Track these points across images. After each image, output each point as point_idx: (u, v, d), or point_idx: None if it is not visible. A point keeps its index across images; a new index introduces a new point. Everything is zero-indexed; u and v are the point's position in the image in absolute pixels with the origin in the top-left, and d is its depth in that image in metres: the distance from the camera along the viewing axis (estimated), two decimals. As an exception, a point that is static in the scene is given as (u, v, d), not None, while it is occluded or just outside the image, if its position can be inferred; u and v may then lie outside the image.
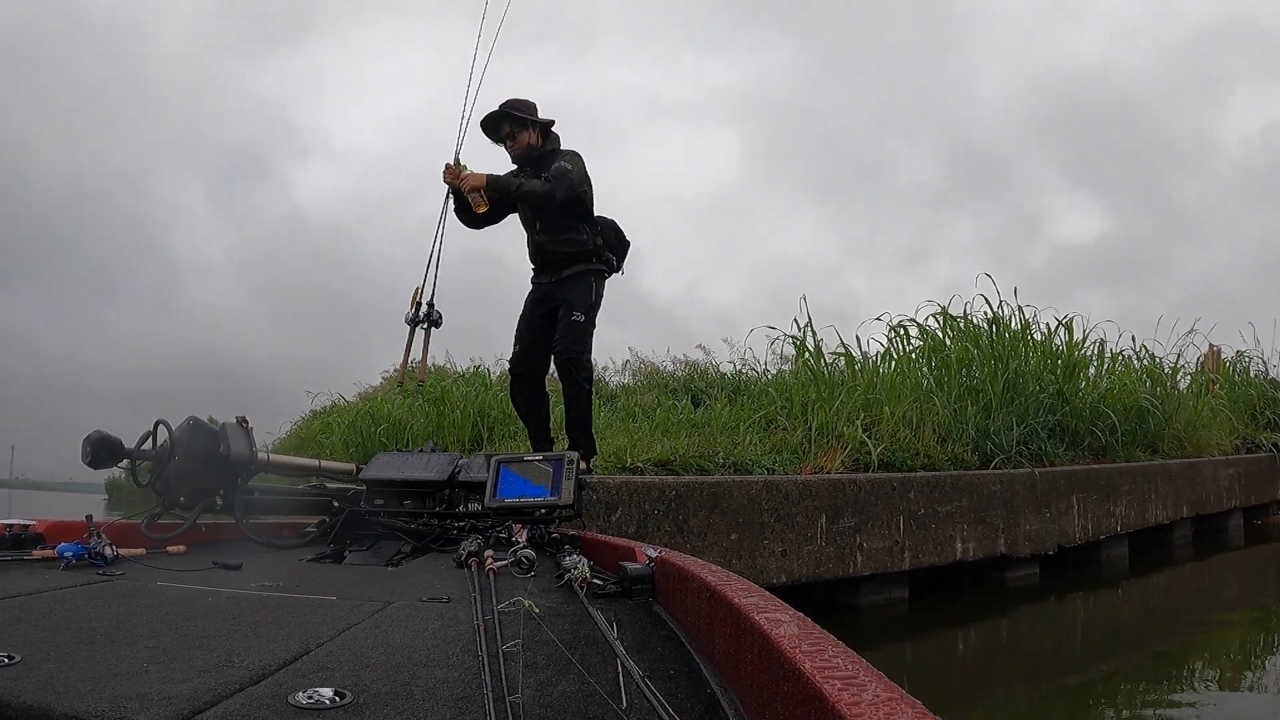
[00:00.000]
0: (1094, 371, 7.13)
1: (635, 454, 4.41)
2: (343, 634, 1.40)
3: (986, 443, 5.56)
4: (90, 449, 2.60)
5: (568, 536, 2.35)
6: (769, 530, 3.94)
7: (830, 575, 4.16)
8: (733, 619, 1.07)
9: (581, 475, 2.98)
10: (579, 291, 3.68)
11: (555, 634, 1.34)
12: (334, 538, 2.76)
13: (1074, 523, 5.65)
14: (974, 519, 4.90)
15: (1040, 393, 6.13)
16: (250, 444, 2.82)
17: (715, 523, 3.78)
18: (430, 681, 1.13)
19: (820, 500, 4.18)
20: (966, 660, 4.03)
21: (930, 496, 4.67)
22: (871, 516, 4.37)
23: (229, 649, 1.27)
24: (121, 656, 1.22)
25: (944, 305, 6.76)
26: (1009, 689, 3.36)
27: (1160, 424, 7.05)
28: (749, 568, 3.81)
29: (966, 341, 6.45)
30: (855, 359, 6.46)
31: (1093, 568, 5.93)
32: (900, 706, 0.67)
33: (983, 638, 4.41)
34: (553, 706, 1.03)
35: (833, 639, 0.89)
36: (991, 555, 4.99)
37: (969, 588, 5.05)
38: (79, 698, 1.01)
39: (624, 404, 6.89)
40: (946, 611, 4.76)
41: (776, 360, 7.78)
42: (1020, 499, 5.23)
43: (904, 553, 4.50)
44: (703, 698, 1.08)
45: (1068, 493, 5.64)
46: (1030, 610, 4.96)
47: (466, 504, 2.87)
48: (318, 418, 11.02)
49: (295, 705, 1.01)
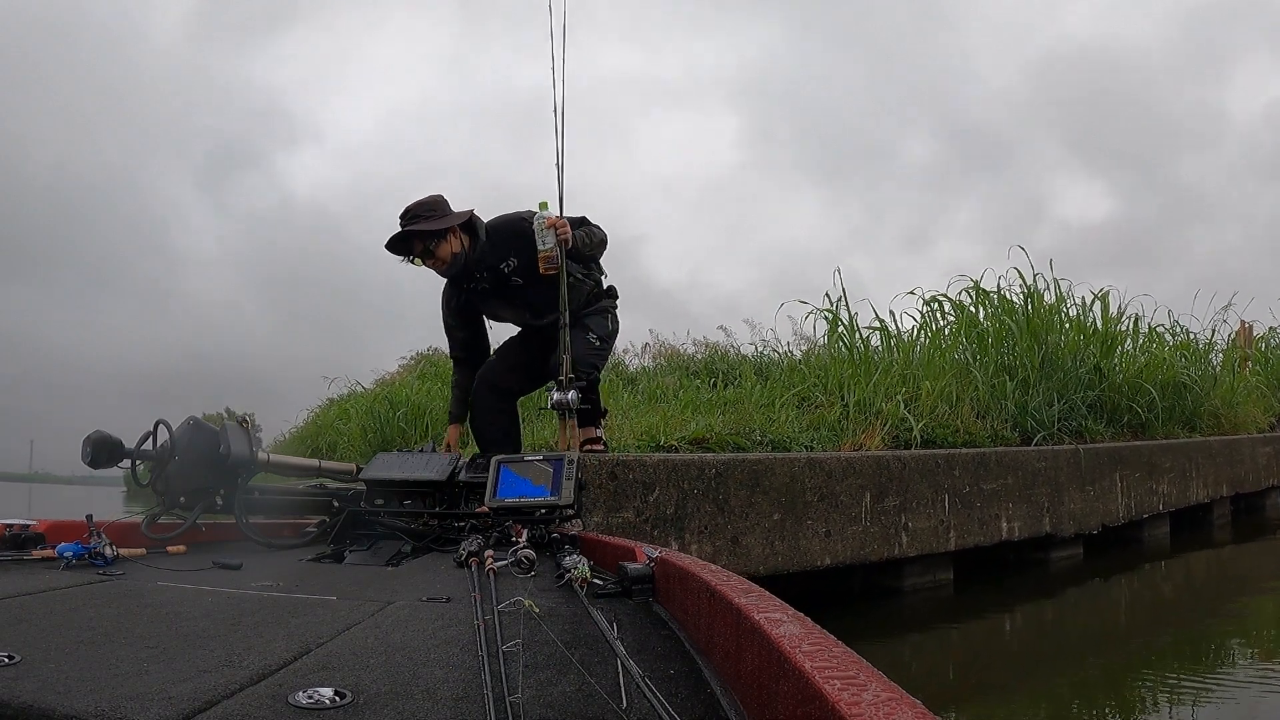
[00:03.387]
0: (1130, 347, 7.04)
1: (668, 432, 4.26)
2: (343, 634, 1.40)
3: (1027, 419, 5.44)
4: (90, 449, 2.60)
5: (568, 536, 2.34)
6: (812, 510, 3.81)
7: (875, 557, 4.02)
8: (733, 618, 1.07)
9: (592, 442, 3.17)
10: (597, 321, 3.46)
11: (555, 634, 1.34)
12: (334, 538, 2.76)
13: (1117, 501, 5.55)
14: (1019, 497, 4.77)
15: (1078, 368, 6.02)
16: (250, 444, 2.82)
17: (757, 502, 3.63)
18: (430, 681, 1.13)
19: (864, 478, 4.03)
20: (1013, 645, 3.93)
21: (975, 474, 4.55)
22: (916, 495, 4.23)
23: (229, 649, 1.27)
24: (121, 656, 1.22)
25: (976, 280, 6.69)
26: (1055, 675, 3.27)
27: (1198, 400, 6.96)
28: (792, 549, 3.69)
29: (1004, 315, 6.34)
30: (891, 334, 6.34)
31: (1135, 547, 5.83)
32: (900, 706, 0.67)
33: (1029, 621, 4.29)
34: (553, 706, 1.03)
35: (833, 639, 0.89)
36: (1036, 535, 4.87)
37: (1012, 569, 4.95)
38: (79, 698, 1.01)
39: (645, 387, 6.78)
40: (993, 594, 4.64)
41: (798, 340, 7.68)
42: (1064, 476, 5.11)
43: (949, 533, 4.37)
44: (703, 698, 1.08)
45: (1111, 470, 5.53)
46: (1076, 592, 4.84)
47: (467, 504, 2.87)
48: (334, 405, 11.05)
49: (295, 705, 1.01)
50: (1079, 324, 6.55)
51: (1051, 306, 6.48)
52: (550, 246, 3.11)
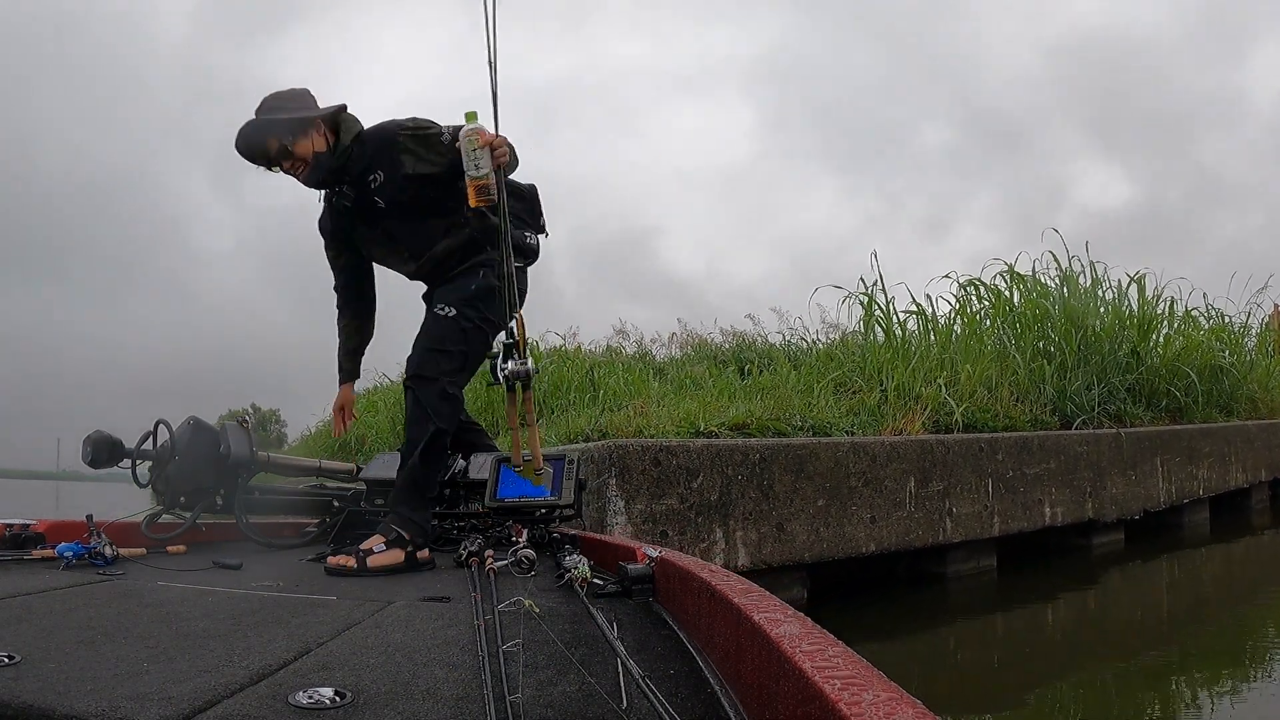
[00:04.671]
0: (1166, 330, 6.98)
1: (708, 418, 4.17)
2: (343, 634, 1.40)
3: (1066, 403, 5.38)
4: (90, 449, 2.60)
5: (568, 536, 2.35)
6: (857, 495, 3.74)
7: (920, 543, 3.96)
8: (733, 618, 1.07)
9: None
10: (459, 284, 2.61)
11: (555, 634, 1.34)
12: (334, 537, 2.76)
13: (1158, 485, 5.50)
14: (1061, 482, 4.73)
15: (1116, 351, 5.97)
16: (250, 444, 2.82)
17: (802, 488, 3.56)
18: (430, 681, 1.13)
19: (909, 463, 3.97)
20: (1057, 634, 3.86)
21: (1018, 458, 4.50)
22: (960, 480, 4.18)
23: (229, 649, 1.27)
24: (121, 656, 1.22)
25: (1010, 263, 6.61)
26: (1099, 665, 3.21)
27: (1235, 384, 6.91)
28: (837, 536, 3.63)
29: (1040, 299, 6.28)
30: (928, 317, 6.25)
31: (1176, 532, 5.77)
32: (901, 706, 0.67)
33: (1073, 609, 4.23)
34: (553, 706, 1.03)
35: (833, 639, 0.89)
36: (1079, 520, 4.83)
37: (1054, 554, 4.90)
38: (79, 698, 1.01)
39: (673, 376, 6.69)
40: (1036, 580, 4.58)
41: (825, 328, 7.60)
42: (1106, 460, 5.07)
43: (993, 518, 4.31)
44: (703, 697, 1.08)
45: (1152, 454, 5.48)
46: (1119, 578, 4.79)
47: (467, 504, 2.87)
48: (361, 398, 11.07)
49: (295, 705, 1.01)
50: (1115, 307, 6.48)
51: (1088, 290, 6.42)
52: (485, 174, 2.26)
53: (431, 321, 2.58)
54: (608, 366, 7.33)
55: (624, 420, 4.25)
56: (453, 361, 2.51)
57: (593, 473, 3.18)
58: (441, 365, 2.48)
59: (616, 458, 3.15)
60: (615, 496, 3.13)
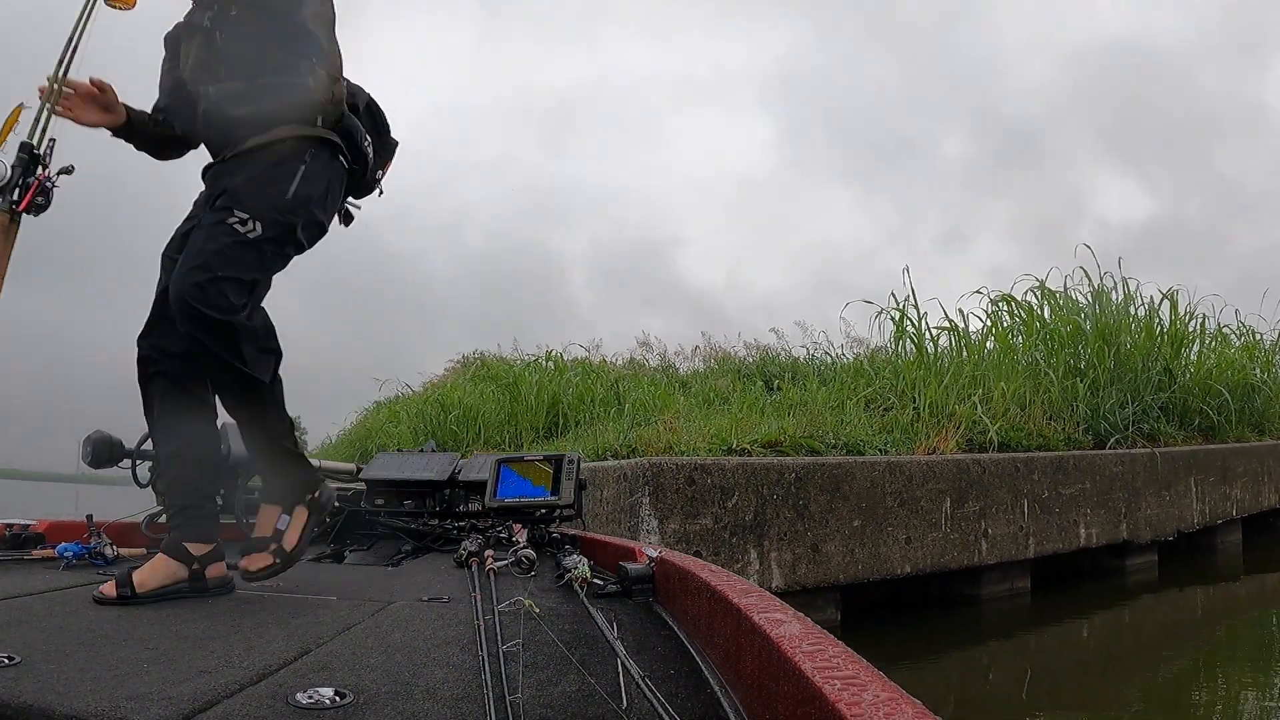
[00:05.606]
0: (1198, 348, 6.87)
1: (739, 435, 4.12)
2: (343, 634, 1.40)
3: (1099, 421, 5.32)
4: (90, 449, 2.60)
5: (568, 536, 2.35)
6: (892, 516, 3.70)
7: (956, 564, 3.93)
8: (733, 619, 1.07)
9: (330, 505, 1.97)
10: (255, 179, 1.86)
11: (555, 634, 1.34)
12: (334, 538, 2.76)
13: (1192, 506, 5.42)
14: (1096, 502, 4.68)
15: (1148, 370, 5.90)
16: (250, 444, 2.81)
17: (837, 507, 3.52)
18: (430, 681, 1.13)
19: (944, 482, 3.92)
20: (1094, 658, 3.76)
21: (1054, 478, 4.46)
22: (996, 500, 4.12)
23: (229, 649, 1.27)
24: (121, 657, 1.22)
25: (1041, 279, 6.54)
26: (1139, 691, 3.15)
27: (1267, 402, 6.84)
28: (872, 557, 3.59)
29: (1073, 316, 6.20)
30: (961, 334, 6.18)
31: (1209, 554, 5.69)
32: (901, 706, 0.67)
33: (1108, 632, 4.14)
34: (553, 706, 1.03)
35: (833, 639, 0.89)
36: (1114, 541, 4.78)
37: (1088, 577, 4.86)
38: (79, 698, 1.01)
39: (698, 390, 6.69)
40: (1072, 603, 4.51)
41: (849, 343, 7.56)
42: (1141, 481, 5.01)
43: (1028, 539, 4.26)
44: (703, 698, 1.08)
45: (1186, 474, 5.41)
46: (1152, 600, 4.71)
47: (467, 504, 2.87)
48: (382, 408, 11.10)
49: (295, 705, 1.01)
50: (1147, 324, 6.39)
51: (1119, 306, 6.34)
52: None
53: (202, 238, 1.82)
54: (633, 380, 7.33)
55: (654, 435, 4.21)
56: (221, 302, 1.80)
57: (625, 491, 3.13)
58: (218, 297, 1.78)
59: (651, 476, 3.08)
60: (649, 516, 3.06)
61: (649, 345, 9.60)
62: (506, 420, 7.00)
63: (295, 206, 1.87)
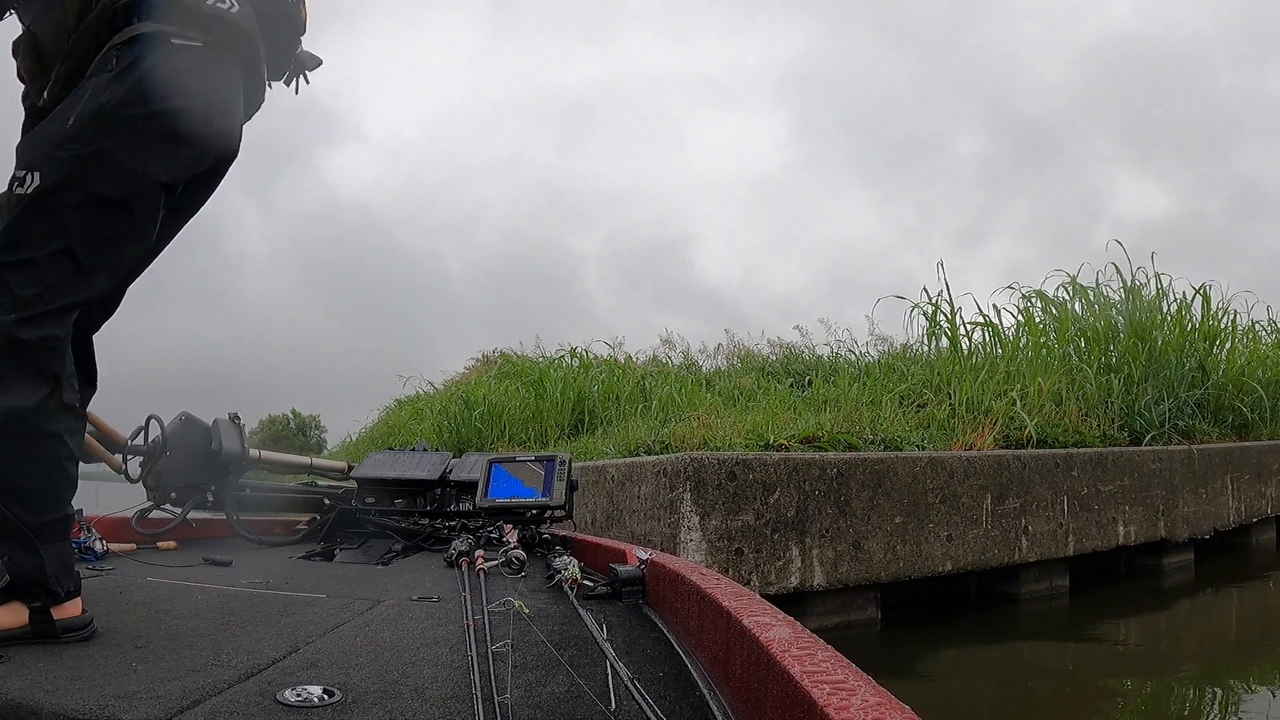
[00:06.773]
0: (1230, 344, 6.85)
1: (776, 431, 4.05)
2: (332, 632, 1.40)
3: (1135, 418, 5.30)
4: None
5: (559, 537, 2.35)
6: (934, 512, 3.64)
7: (996, 562, 3.86)
8: (722, 621, 1.08)
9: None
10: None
11: (545, 635, 1.34)
12: (325, 536, 2.76)
13: (1228, 504, 5.39)
14: (1134, 500, 4.65)
15: (1182, 366, 5.87)
16: (242, 440, 2.81)
17: (879, 504, 3.47)
18: (419, 681, 1.13)
19: (985, 479, 3.86)
20: (1129, 659, 3.65)
21: (1093, 475, 4.43)
22: (1036, 497, 4.07)
23: (218, 646, 1.27)
24: (109, 654, 1.21)
25: (1073, 274, 6.53)
26: (1183, 692, 3.05)
27: None
28: (914, 554, 3.55)
29: (1108, 312, 6.19)
30: (997, 330, 6.16)
31: (1243, 552, 5.66)
32: (889, 712, 0.67)
33: (1150, 632, 4.07)
34: (541, 707, 1.03)
35: (822, 643, 0.89)
36: (1152, 539, 4.76)
37: (1124, 575, 4.83)
38: (66, 696, 1.01)
39: (722, 388, 6.67)
40: (1112, 601, 4.47)
41: (874, 340, 7.50)
42: (1179, 478, 4.99)
43: (1068, 536, 4.22)
44: (692, 700, 1.08)
45: (1222, 472, 5.38)
46: (1189, 603, 4.65)
47: (458, 503, 2.87)
48: (404, 406, 11.06)
49: (284, 703, 1.01)
50: (1180, 320, 6.37)
51: (1152, 302, 6.32)
52: None
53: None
54: (659, 377, 7.32)
55: (687, 431, 4.15)
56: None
57: (664, 486, 3.08)
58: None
59: (692, 471, 3.01)
60: (690, 512, 2.99)
61: (671, 343, 9.58)
62: (531, 417, 6.98)
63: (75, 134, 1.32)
